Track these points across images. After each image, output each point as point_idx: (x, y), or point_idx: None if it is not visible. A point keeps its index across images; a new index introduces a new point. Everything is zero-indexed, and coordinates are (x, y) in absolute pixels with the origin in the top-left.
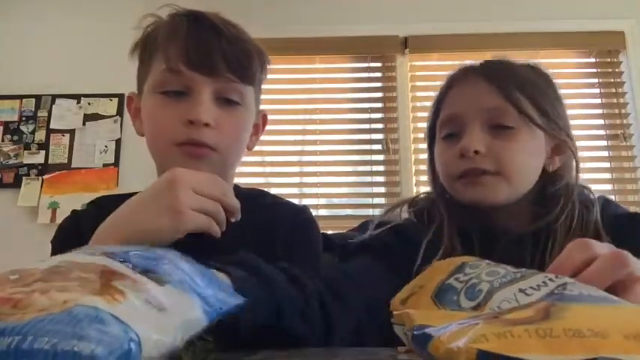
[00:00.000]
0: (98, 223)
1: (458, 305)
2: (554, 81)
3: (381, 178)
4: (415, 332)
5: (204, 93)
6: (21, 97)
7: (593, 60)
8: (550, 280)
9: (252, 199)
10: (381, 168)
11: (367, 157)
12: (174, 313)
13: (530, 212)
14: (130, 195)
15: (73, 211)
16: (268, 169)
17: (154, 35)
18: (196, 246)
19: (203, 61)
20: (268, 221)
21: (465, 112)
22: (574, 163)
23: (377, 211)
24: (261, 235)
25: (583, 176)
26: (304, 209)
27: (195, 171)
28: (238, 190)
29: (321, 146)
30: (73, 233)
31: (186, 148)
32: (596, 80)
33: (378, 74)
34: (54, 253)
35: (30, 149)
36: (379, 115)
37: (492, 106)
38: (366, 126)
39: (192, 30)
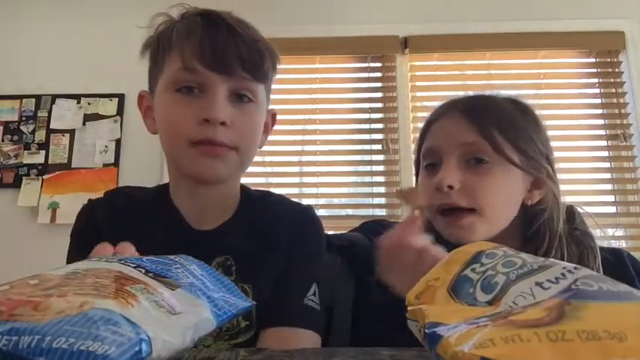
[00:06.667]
0: (112, 213)
1: (474, 299)
2: (535, 112)
3: (381, 178)
4: (426, 331)
5: (219, 91)
6: (21, 97)
7: (593, 60)
8: (569, 271)
9: (258, 199)
10: (381, 168)
11: (367, 157)
12: (184, 316)
13: (522, 250)
14: (148, 189)
15: (90, 200)
16: (268, 169)
17: (168, 34)
18: (201, 245)
19: (218, 60)
20: (272, 220)
21: (444, 146)
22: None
23: (377, 211)
24: (265, 233)
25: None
26: (308, 209)
27: None
28: (246, 191)
29: (321, 146)
30: (88, 221)
31: (202, 148)
32: (596, 80)
33: (378, 74)
34: (72, 241)
35: (30, 149)
36: (379, 115)
37: (469, 142)
38: (366, 126)
39: (207, 29)
